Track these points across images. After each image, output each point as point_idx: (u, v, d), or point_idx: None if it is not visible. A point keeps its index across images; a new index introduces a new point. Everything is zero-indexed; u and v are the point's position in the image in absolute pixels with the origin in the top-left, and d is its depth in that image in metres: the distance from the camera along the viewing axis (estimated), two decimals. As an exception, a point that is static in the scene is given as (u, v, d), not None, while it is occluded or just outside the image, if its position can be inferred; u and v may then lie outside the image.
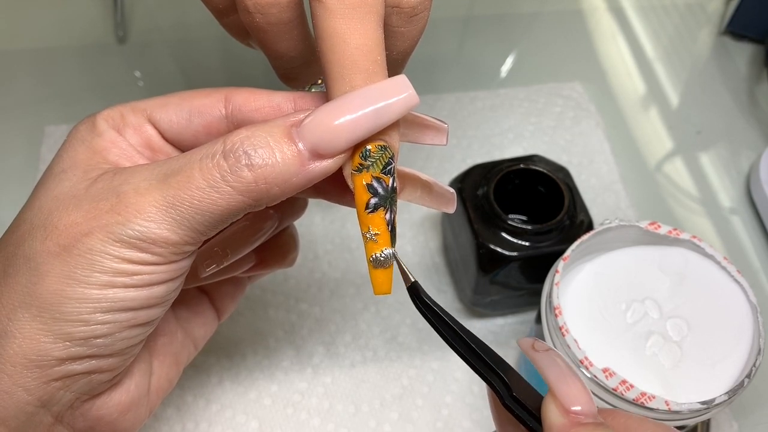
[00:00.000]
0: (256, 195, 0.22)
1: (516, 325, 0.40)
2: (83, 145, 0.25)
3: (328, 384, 0.38)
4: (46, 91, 0.50)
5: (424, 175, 0.26)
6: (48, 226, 0.23)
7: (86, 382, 0.24)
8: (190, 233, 0.22)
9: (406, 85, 0.22)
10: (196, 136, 0.26)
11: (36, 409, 0.23)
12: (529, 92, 0.51)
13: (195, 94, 0.26)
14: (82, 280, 0.22)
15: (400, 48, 0.25)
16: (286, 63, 0.27)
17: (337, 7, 0.22)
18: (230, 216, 0.23)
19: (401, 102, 0.22)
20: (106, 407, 0.25)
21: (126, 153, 0.25)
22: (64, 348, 0.22)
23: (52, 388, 0.23)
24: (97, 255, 0.22)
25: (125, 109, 0.26)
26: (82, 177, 0.24)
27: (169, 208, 0.22)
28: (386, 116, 0.22)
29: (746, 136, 0.50)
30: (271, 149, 0.22)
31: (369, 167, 0.22)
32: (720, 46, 0.55)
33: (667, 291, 0.32)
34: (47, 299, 0.22)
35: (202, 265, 0.27)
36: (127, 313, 0.23)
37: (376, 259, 0.23)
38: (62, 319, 0.22)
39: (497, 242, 0.35)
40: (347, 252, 0.42)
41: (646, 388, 0.29)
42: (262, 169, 0.22)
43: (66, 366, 0.23)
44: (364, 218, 0.23)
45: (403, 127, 0.25)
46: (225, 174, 0.22)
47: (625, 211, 0.45)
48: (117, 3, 0.53)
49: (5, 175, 0.45)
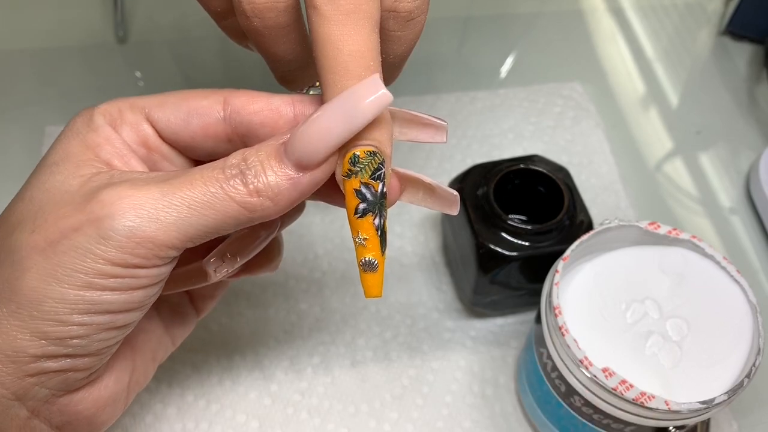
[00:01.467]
0: (249, 205, 0.23)
1: (516, 325, 0.40)
2: (77, 139, 0.25)
3: (328, 384, 0.38)
4: (46, 91, 0.49)
5: (427, 179, 0.26)
6: (38, 218, 0.23)
7: (61, 379, 0.24)
8: (178, 235, 0.23)
9: (376, 85, 0.22)
10: (194, 137, 0.26)
11: (11, 403, 0.23)
12: (529, 92, 0.51)
13: (194, 94, 0.26)
14: (63, 280, 0.22)
15: (397, 52, 0.25)
16: (283, 66, 0.27)
17: (332, 14, 0.22)
18: (223, 224, 0.23)
19: (372, 103, 0.22)
20: (84, 403, 0.25)
21: (119, 151, 0.25)
22: (40, 346, 0.23)
23: (27, 383, 0.23)
24: (81, 253, 0.22)
25: (123, 105, 0.26)
26: (73, 172, 0.24)
27: (165, 204, 0.22)
28: (358, 119, 0.22)
29: (746, 136, 0.50)
30: (263, 169, 0.23)
31: (358, 173, 0.23)
32: (720, 46, 0.55)
33: (666, 291, 0.32)
34: (26, 296, 0.22)
35: (214, 271, 0.27)
36: (104, 316, 0.23)
37: (365, 263, 0.24)
38: (39, 317, 0.22)
39: (497, 242, 0.35)
40: (347, 252, 0.42)
41: (646, 388, 0.29)
42: (253, 185, 0.23)
43: (41, 363, 0.23)
44: (353, 223, 0.23)
45: (402, 126, 0.25)
46: (224, 183, 0.23)
47: (625, 211, 0.45)
48: (117, 3, 0.53)
49: (5, 176, 0.45)
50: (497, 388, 0.38)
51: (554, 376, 0.32)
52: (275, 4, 0.24)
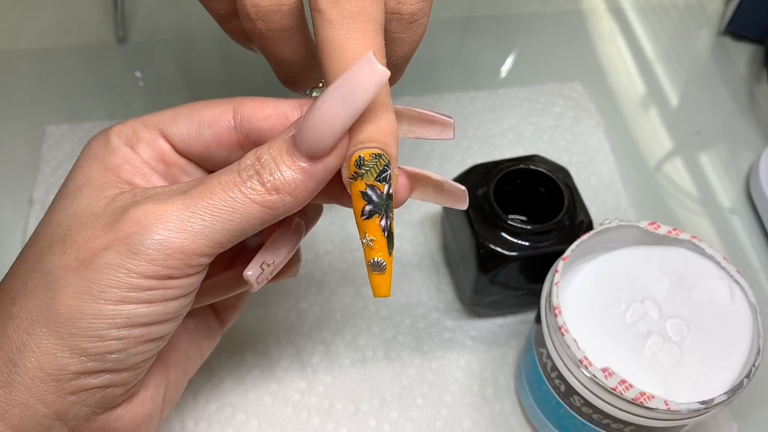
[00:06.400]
0: (270, 204, 0.23)
1: (516, 325, 0.40)
2: (96, 162, 0.25)
3: (328, 383, 0.38)
4: (46, 91, 0.50)
5: (434, 175, 0.26)
6: (67, 240, 0.23)
7: (101, 396, 0.24)
8: (207, 243, 0.23)
9: (371, 64, 0.22)
10: (207, 147, 0.26)
11: (52, 422, 0.23)
12: (529, 92, 0.51)
13: (203, 105, 0.26)
14: (98, 296, 0.22)
15: (400, 53, 0.26)
16: (287, 68, 0.27)
17: (336, 18, 0.22)
18: (248, 225, 0.23)
19: (370, 82, 0.22)
20: (123, 420, 0.25)
21: (139, 170, 0.25)
22: (80, 363, 0.23)
23: (68, 402, 0.23)
24: (113, 269, 0.22)
25: (137, 124, 0.26)
26: (97, 194, 0.24)
27: (189, 214, 0.23)
28: (359, 100, 0.22)
29: (746, 136, 0.50)
30: (277, 166, 0.23)
31: (363, 175, 0.23)
32: (720, 46, 0.55)
33: (666, 291, 0.32)
34: (63, 314, 0.22)
35: (256, 280, 0.27)
36: (140, 329, 0.23)
37: (373, 264, 0.24)
38: (78, 334, 0.22)
39: (497, 242, 0.35)
40: (347, 252, 0.42)
41: (646, 388, 0.29)
42: (271, 183, 0.23)
43: (81, 380, 0.23)
44: (360, 225, 0.24)
45: (408, 124, 0.25)
46: (242, 187, 0.23)
47: (625, 211, 0.45)
48: (117, 3, 0.53)
49: (5, 175, 0.45)
50: (497, 388, 0.38)
51: (554, 376, 0.32)
52: (279, 7, 0.24)
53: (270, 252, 0.27)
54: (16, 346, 0.23)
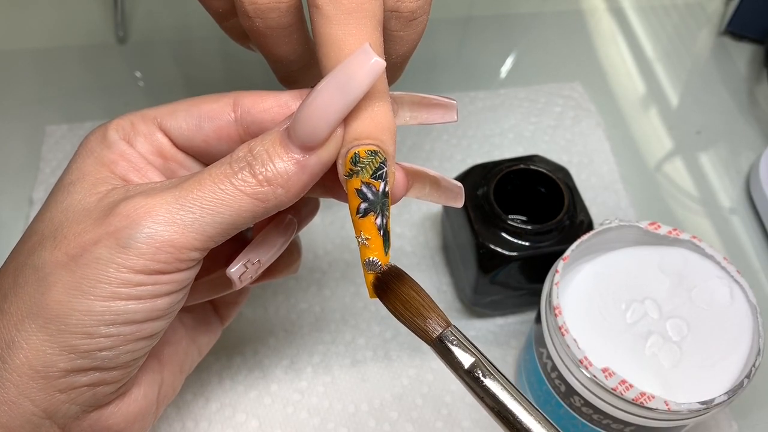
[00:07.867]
0: (261, 196, 0.23)
1: (516, 325, 0.40)
2: (91, 157, 0.25)
3: (328, 383, 0.38)
4: (46, 91, 0.50)
5: (431, 171, 0.26)
6: (58, 236, 0.23)
7: (91, 394, 0.24)
8: (197, 236, 0.23)
9: (368, 55, 0.21)
10: (207, 141, 0.26)
11: (42, 421, 0.23)
12: (529, 92, 0.51)
13: (203, 99, 0.26)
14: (88, 292, 0.22)
15: (399, 52, 0.25)
16: (285, 66, 0.27)
17: (334, 14, 0.22)
18: (239, 218, 0.23)
19: (366, 72, 0.21)
20: (114, 418, 0.25)
21: (135, 166, 0.25)
22: (69, 360, 0.23)
23: (57, 400, 0.23)
24: (103, 264, 0.22)
25: (135, 118, 0.26)
26: (90, 190, 0.24)
27: (178, 207, 0.22)
28: (354, 90, 0.22)
29: (746, 136, 0.50)
30: (269, 157, 0.23)
31: (359, 172, 0.23)
32: (720, 46, 0.55)
33: (666, 291, 0.32)
34: (53, 310, 0.22)
35: (239, 278, 0.27)
36: (131, 326, 0.23)
37: (369, 263, 0.24)
38: (67, 331, 0.22)
39: (497, 242, 0.35)
40: (347, 252, 0.42)
41: (646, 388, 0.29)
42: (263, 175, 0.22)
43: (70, 378, 0.23)
44: (356, 223, 0.23)
45: (411, 110, 0.25)
46: (233, 178, 0.23)
47: (625, 211, 0.45)
48: (117, 3, 0.53)
49: (5, 175, 0.45)
50: (497, 388, 0.38)
51: (554, 376, 0.32)
52: (277, 5, 0.24)
53: (255, 250, 0.27)
54: (5, 342, 0.23)
